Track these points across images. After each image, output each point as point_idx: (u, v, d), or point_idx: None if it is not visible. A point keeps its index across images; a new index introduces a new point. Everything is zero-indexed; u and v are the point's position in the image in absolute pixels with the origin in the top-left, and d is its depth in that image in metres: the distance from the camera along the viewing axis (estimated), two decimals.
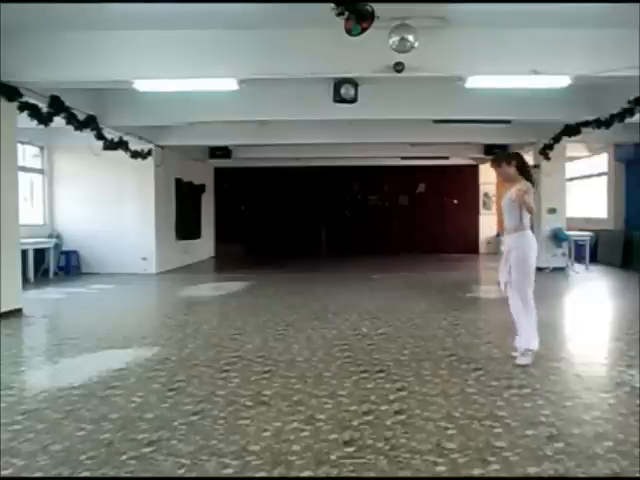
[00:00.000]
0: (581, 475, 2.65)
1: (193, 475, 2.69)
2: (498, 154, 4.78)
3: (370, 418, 3.36)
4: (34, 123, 7.33)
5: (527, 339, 4.56)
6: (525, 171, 4.63)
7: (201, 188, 15.38)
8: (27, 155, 11.17)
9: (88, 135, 8.85)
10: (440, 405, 3.58)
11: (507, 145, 13.75)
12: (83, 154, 10.81)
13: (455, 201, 17.20)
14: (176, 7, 5.66)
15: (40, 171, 11.68)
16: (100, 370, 4.43)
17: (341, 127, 10.95)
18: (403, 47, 5.78)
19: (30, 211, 11.09)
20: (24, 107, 6.95)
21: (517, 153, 4.81)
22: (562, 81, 6.99)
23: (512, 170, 4.60)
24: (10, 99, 6.71)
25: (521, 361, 4.51)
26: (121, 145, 9.98)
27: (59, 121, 7.70)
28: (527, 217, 4.55)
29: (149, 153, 11.27)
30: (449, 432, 3.13)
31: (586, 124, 9.23)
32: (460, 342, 5.32)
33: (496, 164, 4.73)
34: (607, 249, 13.01)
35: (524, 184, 4.50)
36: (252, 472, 2.70)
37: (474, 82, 7.16)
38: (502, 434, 3.09)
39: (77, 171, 11.70)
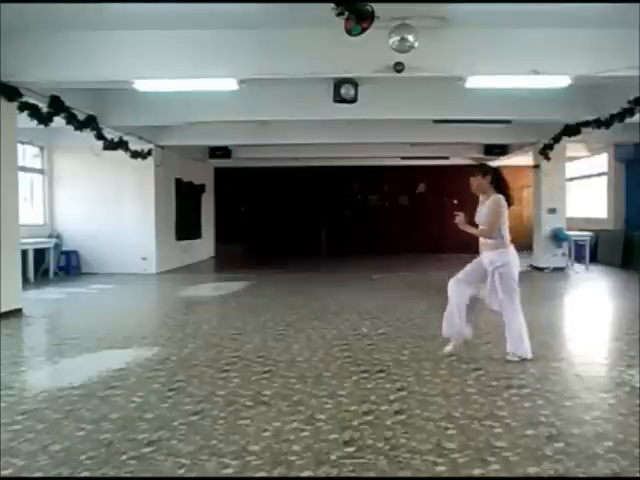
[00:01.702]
0: (581, 475, 2.65)
1: (193, 475, 2.69)
2: (478, 165, 4.79)
3: (370, 418, 3.36)
4: (34, 123, 7.33)
5: (516, 344, 4.59)
6: (501, 185, 4.62)
7: (201, 188, 15.39)
8: (27, 155, 11.18)
9: (88, 135, 8.85)
10: (440, 405, 3.58)
11: (507, 145, 13.79)
12: (83, 154, 10.81)
13: (455, 201, 17.18)
14: (176, 7, 5.66)
15: (40, 171, 11.68)
16: (100, 370, 4.43)
17: (341, 127, 10.95)
18: (403, 47, 5.78)
19: (30, 211, 11.09)
20: (24, 107, 6.94)
21: (494, 168, 4.79)
22: (562, 81, 6.99)
23: (485, 183, 4.60)
24: (10, 99, 6.71)
25: (512, 358, 4.58)
26: (121, 145, 9.98)
27: (59, 121, 7.70)
28: (506, 231, 4.55)
29: (149, 153, 11.28)
30: (449, 432, 3.13)
31: (586, 124, 9.23)
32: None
33: (474, 175, 4.68)
34: (607, 249, 13.01)
35: (495, 198, 4.52)
36: (252, 472, 2.70)
37: (474, 82, 7.16)
38: (502, 434, 3.09)
39: (77, 171, 11.71)
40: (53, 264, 11.17)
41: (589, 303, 8.41)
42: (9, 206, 6.89)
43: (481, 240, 4.67)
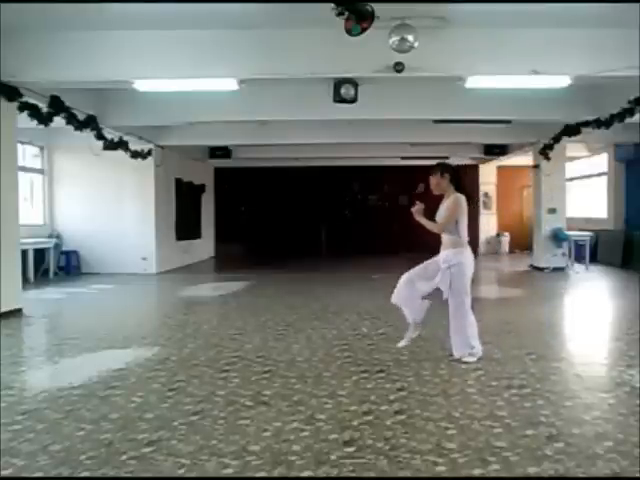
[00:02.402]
0: (581, 475, 2.65)
1: (193, 475, 2.69)
2: (437, 165, 4.81)
3: (370, 418, 3.36)
4: (34, 123, 7.33)
5: (462, 346, 4.56)
6: (458, 183, 4.66)
7: (201, 188, 15.39)
8: (27, 155, 11.18)
9: (88, 135, 8.85)
10: (440, 405, 3.58)
11: (507, 145, 13.79)
12: (83, 154, 10.80)
13: None
14: (176, 7, 5.66)
15: (40, 171, 11.68)
16: (100, 370, 4.43)
17: (341, 127, 10.95)
18: (403, 47, 5.78)
19: (30, 211, 11.09)
20: (24, 107, 6.94)
21: (453, 167, 4.79)
22: (562, 81, 6.99)
23: (444, 182, 4.62)
24: (10, 99, 6.71)
25: (468, 359, 4.55)
26: (121, 145, 9.99)
27: (59, 121, 7.70)
28: (465, 231, 4.56)
29: (149, 153, 11.28)
30: (449, 432, 3.13)
31: (586, 124, 9.23)
32: None
33: (432, 173, 4.71)
34: (607, 249, 13.01)
35: (454, 197, 4.56)
36: (252, 472, 2.70)
37: (474, 82, 7.16)
38: (502, 434, 3.09)
39: (77, 171, 11.72)
40: (53, 264, 11.17)
41: (589, 303, 8.40)
42: (9, 206, 6.89)
43: (442, 238, 4.66)
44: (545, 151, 11.38)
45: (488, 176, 17.40)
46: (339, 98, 7.43)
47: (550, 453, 2.84)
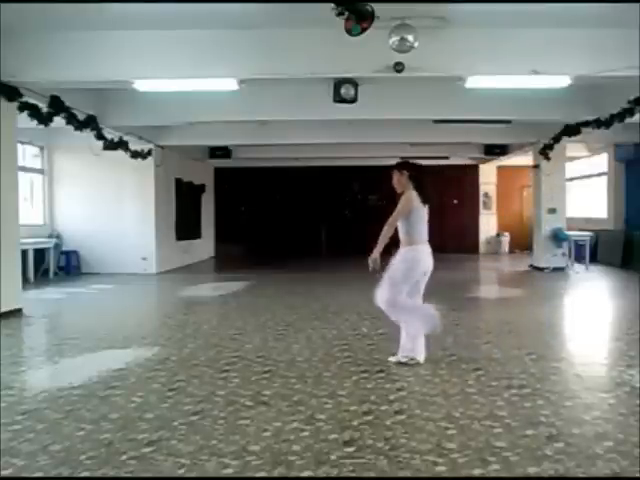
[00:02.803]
0: (581, 475, 2.65)
1: (193, 475, 2.69)
2: (399, 162, 4.79)
3: (370, 418, 3.36)
4: (34, 123, 7.33)
5: (408, 348, 4.55)
6: (417, 180, 4.63)
7: (201, 188, 15.40)
8: (27, 155, 11.18)
9: (88, 135, 8.85)
10: (440, 405, 3.58)
11: (507, 145, 13.79)
12: (83, 154, 10.79)
13: (455, 201, 17.21)
14: (176, 7, 5.66)
15: (40, 171, 11.68)
16: (100, 370, 4.43)
17: (341, 127, 10.95)
18: (403, 47, 5.78)
19: (30, 211, 11.09)
20: (24, 107, 6.94)
21: (415, 165, 4.76)
22: (562, 81, 6.99)
23: (404, 179, 4.61)
24: (10, 99, 6.71)
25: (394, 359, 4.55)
26: (121, 145, 9.98)
27: (59, 121, 7.70)
28: (416, 229, 4.57)
29: (149, 153, 11.28)
30: (449, 432, 3.13)
31: (586, 124, 9.23)
32: (460, 342, 5.31)
33: (394, 170, 4.68)
34: (607, 249, 13.01)
35: (407, 193, 4.57)
36: (252, 472, 2.70)
37: (474, 82, 7.16)
38: (502, 434, 3.09)
39: (77, 171, 11.72)
40: (53, 264, 11.17)
41: (589, 303, 8.40)
42: (9, 206, 6.88)
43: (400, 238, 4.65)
44: (545, 151, 11.37)
45: (488, 176, 17.42)
46: (339, 98, 7.43)
47: (550, 453, 2.84)
